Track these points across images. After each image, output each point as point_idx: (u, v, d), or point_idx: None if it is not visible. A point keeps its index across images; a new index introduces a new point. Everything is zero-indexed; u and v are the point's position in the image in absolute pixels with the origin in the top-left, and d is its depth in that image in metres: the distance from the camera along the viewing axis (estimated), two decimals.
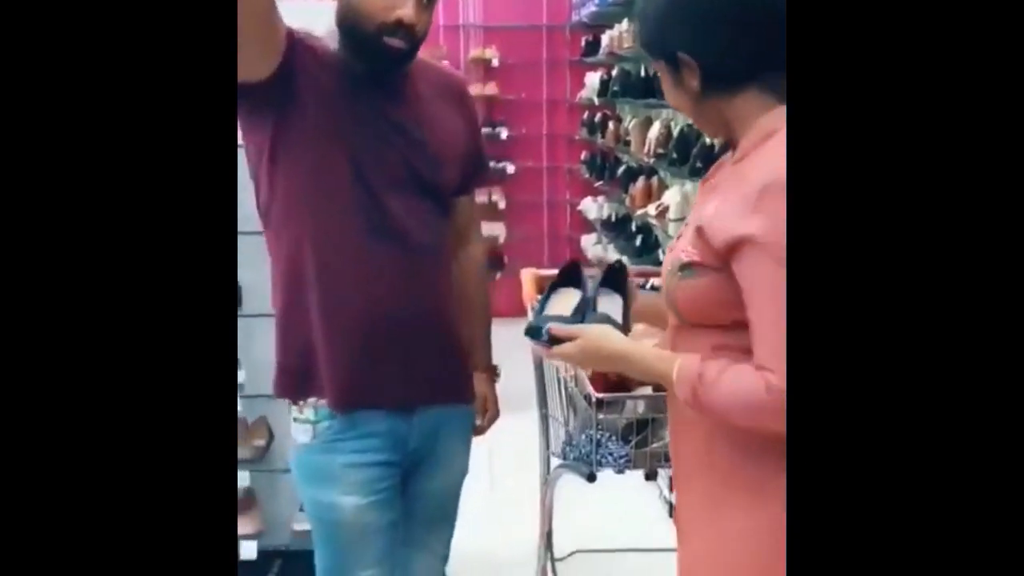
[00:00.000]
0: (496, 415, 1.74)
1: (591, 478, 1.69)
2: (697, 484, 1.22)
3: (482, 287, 1.71)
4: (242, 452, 2.34)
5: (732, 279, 1.09)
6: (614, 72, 4.66)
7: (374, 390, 1.47)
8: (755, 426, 1.09)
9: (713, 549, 1.19)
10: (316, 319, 1.45)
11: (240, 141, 1.42)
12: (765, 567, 1.11)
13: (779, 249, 1.00)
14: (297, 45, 1.39)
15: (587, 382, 1.59)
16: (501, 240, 5.94)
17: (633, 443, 1.68)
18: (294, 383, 1.51)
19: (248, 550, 2.33)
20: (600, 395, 1.58)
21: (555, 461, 1.91)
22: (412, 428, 1.53)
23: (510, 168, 5.85)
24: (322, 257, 1.43)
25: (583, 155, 5.72)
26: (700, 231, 1.13)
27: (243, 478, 2.36)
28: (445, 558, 1.72)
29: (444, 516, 1.68)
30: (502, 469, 3.25)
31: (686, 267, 1.15)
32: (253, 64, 1.31)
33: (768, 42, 1.12)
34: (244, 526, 2.32)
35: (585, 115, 5.56)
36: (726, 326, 1.13)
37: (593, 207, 5.30)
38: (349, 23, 1.40)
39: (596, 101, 5.05)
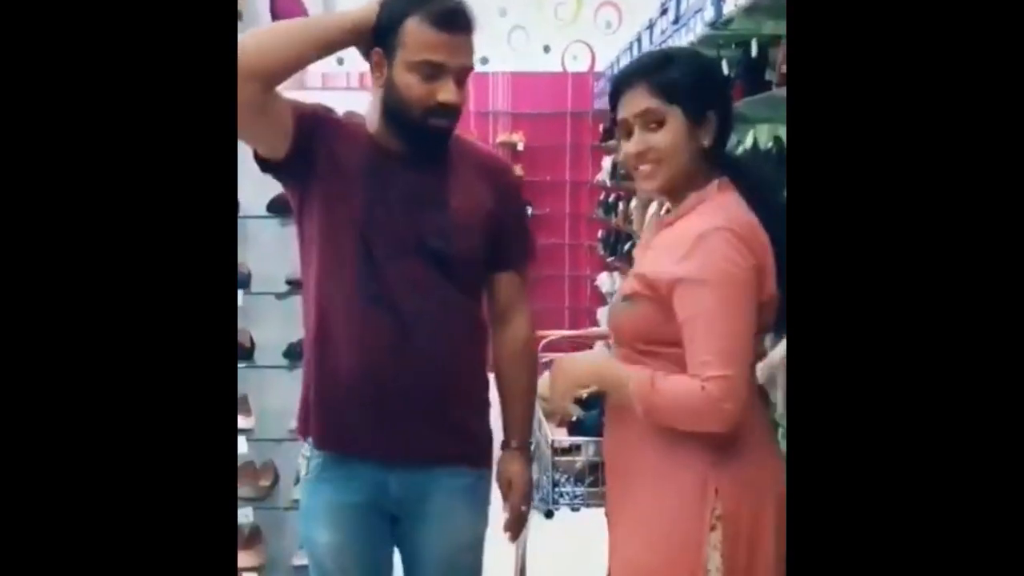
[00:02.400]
0: (522, 498, 1.68)
1: (549, 515, 1.89)
2: (618, 479, 1.50)
3: (522, 367, 1.69)
4: (250, 491, 2.57)
5: (662, 307, 1.38)
6: None
7: (350, 438, 1.59)
8: (694, 427, 1.35)
9: (633, 527, 1.45)
10: (312, 371, 1.61)
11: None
12: (677, 538, 1.38)
13: (710, 282, 1.32)
14: (316, 124, 1.52)
15: (548, 428, 1.81)
16: None
17: (586, 484, 1.88)
18: (300, 422, 1.66)
19: None
20: (558, 438, 1.81)
21: None
22: (391, 478, 1.60)
23: None
24: (323, 319, 1.56)
25: (600, 233, 5.99)
26: (641, 276, 1.43)
27: (249, 515, 2.57)
28: None
29: None
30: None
31: (627, 298, 1.45)
32: (268, 146, 1.49)
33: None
34: (247, 560, 2.52)
35: (602, 196, 5.83)
36: (658, 352, 1.40)
37: (608, 281, 5.55)
38: (395, 109, 1.50)
39: (608, 183, 5.34)
